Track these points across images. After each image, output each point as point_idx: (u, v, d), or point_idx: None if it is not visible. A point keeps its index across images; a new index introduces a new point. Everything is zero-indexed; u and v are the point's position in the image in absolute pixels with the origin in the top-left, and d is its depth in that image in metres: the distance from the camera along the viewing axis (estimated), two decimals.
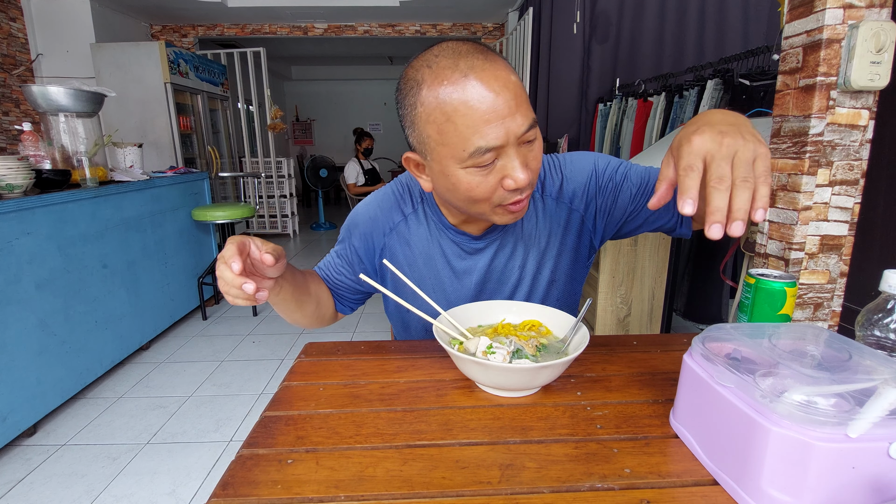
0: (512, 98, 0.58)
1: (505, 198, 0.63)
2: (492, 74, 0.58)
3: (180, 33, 5.36)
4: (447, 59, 0.59)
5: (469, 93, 0.57)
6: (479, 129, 0.57)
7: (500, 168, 0.61)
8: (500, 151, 0.59)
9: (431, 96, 0.59)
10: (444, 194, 0.68)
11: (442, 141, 0.60)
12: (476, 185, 0.61)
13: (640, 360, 0.70)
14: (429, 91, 0.59)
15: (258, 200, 5.40)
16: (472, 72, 0.57)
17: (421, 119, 0.61)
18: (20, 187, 1.80)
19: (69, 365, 1.97)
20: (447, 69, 0.58)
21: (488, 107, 0.57)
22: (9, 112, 3.82)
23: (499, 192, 0.62)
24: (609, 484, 0.45)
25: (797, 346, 0.52)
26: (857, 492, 0.37)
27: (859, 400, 0.39)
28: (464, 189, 0.62)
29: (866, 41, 1.16)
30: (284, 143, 8.83)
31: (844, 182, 1.27)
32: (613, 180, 0.76)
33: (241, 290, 0.55)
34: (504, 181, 0.61)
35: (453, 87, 0.57)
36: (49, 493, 1.52)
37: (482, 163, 0.59)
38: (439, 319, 0.67)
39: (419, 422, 0.55)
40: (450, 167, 0.62)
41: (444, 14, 5.17)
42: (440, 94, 0.58)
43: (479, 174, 0.61)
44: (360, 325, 2.96)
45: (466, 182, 0.61)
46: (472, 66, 0.58)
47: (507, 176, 0.61)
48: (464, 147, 0.58)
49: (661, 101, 2.65)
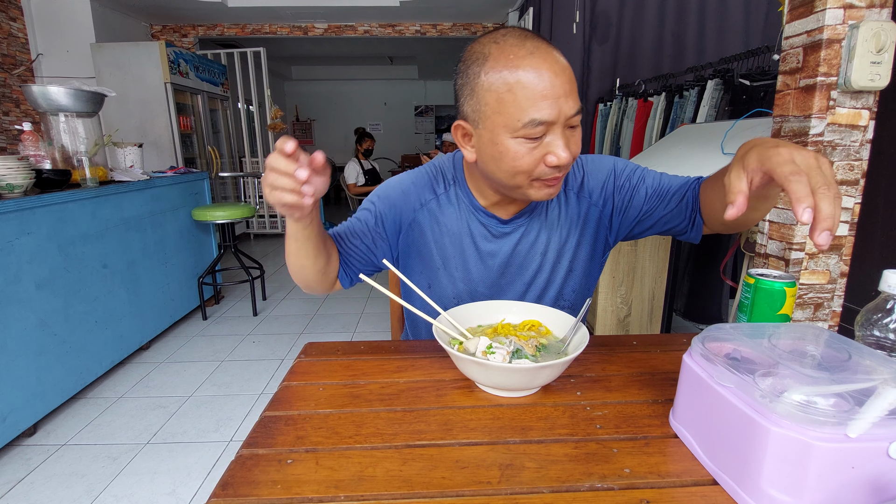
0: (567, 82, 0.65)
1: (544, 173, 0.68)
2: (553, 58, 0.65)
3: (180, 33, 5.36)
4: (514, 38, 0.66)
5: (532, 69, 0.63)
6: (536, 103, 0.63)
7: (546, 144, 0.66)
8: (549, 128, 0.65)
9: (496, 68, 0.65)
10: (487, 164, 0.72)
11: (499, 109, 0.66)
12: (521, 156, 0.67)
13: (640, 360, 0.70)
14: (494, 63, 0.65)
15: (258, 200, 5.41)
16: (537, 51, 0.64)
17: (482, 87, 0.67)
18: (20, 187, 1.80)
19: (69, 365, 1.97)
20: (514, 46, 0.65)
21: (546, 85, 0.63)
22: (9, 112, 3.82)
23: (540, 166, 0.68)
24: (609, 484, 0.45)
25: (797, 346, 0.52)
26: (857, 492, 0.37)
27: (859, 400, 0.39)
28: (509, 158, 0.67)
29: (867, 41, 1.16)
30: None
31: (845, 182, 1.27)
32: (630, 181, 0.82)
33: (292, 179, 0.54)
34: (547, 157, 0.67)
35: (518, 62, 0.64)
36: (49, 492, 1.52)
37: (532, 135, 0.65)
38: (439, 319, 0.67)
39: (419, 422, 0.55)
40: (500, 135, 0.67)
41: (444, 14, 5.17)
42: (505, 67, 0.64)
43: (527, 145, 0.66)
44: (360, 326, 2.96)
45: (514, 151, 0.67)
46: (537, 47, 0.65)
47: (550, 152, 0.66)
48: (519, 117, 0.64)
49: (662, 102, 2.64)
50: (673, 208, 0.78)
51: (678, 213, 0.77)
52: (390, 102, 9.51)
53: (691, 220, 0.77)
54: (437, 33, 5.49)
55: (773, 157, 0.49)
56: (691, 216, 0.76)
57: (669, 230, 0.80)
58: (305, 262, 0.74)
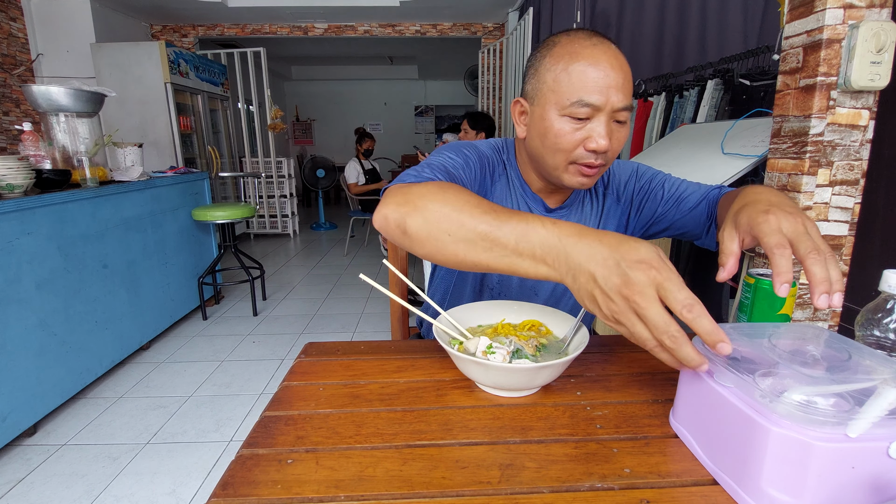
0: (622, 79, 0.70)
1: (582, 156, 0.72)
2: (613, 55, 0.70)
3: (180, 33, 5.36)
4: (584, 33, 0.73)
5: (591, 58, 0.69)
6: (587, 86, 0.68)
7: (589, 129, 0.70)
8: (595, 112, 0.70)
9: (561, 51, 0.72)
10: (533, 140, 0.77)
11: (554, 87, 0.71)
12: (564, 134, 0.71)
13: (640, 360, 0.70)
14: (561, 48, 0.72)
15: (258, 200, 5.41)
16: (600, 45, 0.70)
17: (545, 66, 0.73)
18: (20, 187, 1.80)
19: (69, 365, 1.97)
20: (581, 38, 0.72)
21: (601, 74, 0.68)
22: (9, 112, 3.82)
23: (579, 149, 0.72)
24: (609, 484, 0.45)
25: (797, 346, 0.52)
26: (857, 492, 0.37)
27: (859, 400, 0.39)
28: (552, 134, 0.72)
29: (866, 41, 1.16)
30: (285, 143, 8.83)
31: (845, 182, 1.27)
32: (650, 183, 0.87)
33: (699, 365, 0.44)
34: (587, 141, 0.71)
35: (581, 50, 0.70)
36: (49, 492, 1.52)
37: (578, 114, 0.70)
38: (439, 319, 0.67)
39: (419, 422, 0.55)
40: (550, 111, 0.72)
41: (444, 14, 5.17)
42: (569, 51, 0.71)
43: (571, 125, 0.71)
44: (360, 326, 2.96)
45: (558, 128, 0.72)
46: (601, 42, 0.71)
47: (591, 137, 0.70)
48: (569, 96, 0.69)
49: (662, 101, 2.64)
50: (686, 214, 0.82)
51: (692, 220, 0.82)
52: (390, 102, 9.51)
53: (706, 228, 0.81)
54: (437, 33, 5.49)
55: (761, 224, 0.51)
56: (706, 224, 0.81)
57: (684, 234, 0.85)
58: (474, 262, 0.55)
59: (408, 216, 0.56)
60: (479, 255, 0.52)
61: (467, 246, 0.53)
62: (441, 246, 0.54)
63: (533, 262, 0.50)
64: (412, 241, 0.57)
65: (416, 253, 0.58)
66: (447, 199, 0.56)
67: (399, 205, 0.58)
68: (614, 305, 0.44)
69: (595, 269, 0.46)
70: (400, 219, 0.57)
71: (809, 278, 0.46)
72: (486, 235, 0.52)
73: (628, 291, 0.43)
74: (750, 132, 1.75)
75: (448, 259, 0.55)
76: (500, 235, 0.51)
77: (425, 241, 0.55)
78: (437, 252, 0.55)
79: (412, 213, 0.56)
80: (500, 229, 0.51)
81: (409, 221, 0.56)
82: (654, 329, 0.43)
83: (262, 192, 5.47)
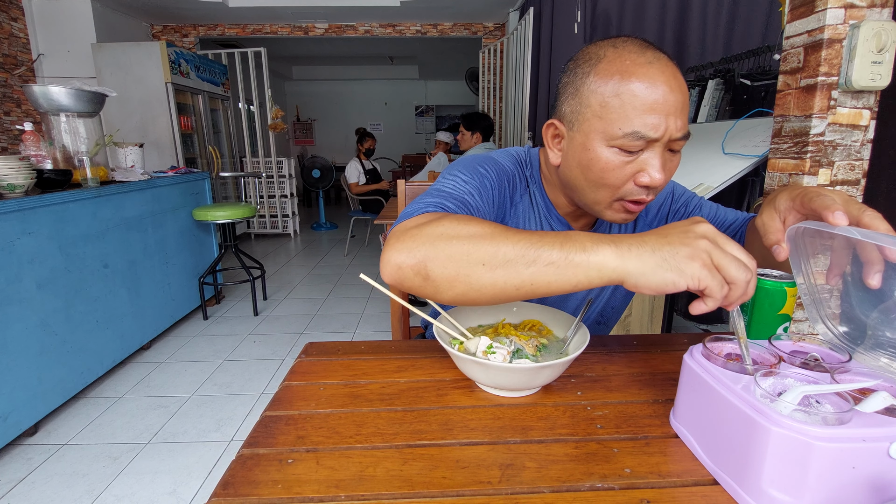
0: (682, 101, 0.60)
1: (630, 192, 0.63)
2: (672, 73, 0.60)
3: (181, 33, 5.36)
4: (634, 45, 0.61)
5: (647, 80, 0.58)
6: (643, 115, 0.58)
7: (641, 162, 0.61)
8: (650, 145, 0.60)
9: (609, 71, 0.60)
10: (572, 170, 0.67)
11: (601, 114, 0.61)
12: (612, 168, 0.62)
13: (641, 360, 0.70)
14: (608, 66, 0.61)
15: (259, 200, 5.42)
16: (657, 62, 0.59)
17: (588, 89, 0.62)
18: (21, 187, 1.80)
19: (70, 364, 1.98)
20: (633, 53, 0.60)
21: (660, 98, 0.58)
22: (10, 112, 3.82)
23: (629, 184, 0.63)
24: (609, 484, 0.45)
25: (797, 346, 0.52)
26: (857, 492, 0.37)
27: (859, 400, 0.39)
28: (599, 168, 0.62)
29: (867, 41, 1.16)
30: (285, 143, 8.84)
31: (846, 182, 1.27)
32: (686, 206, 0.82)
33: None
34: (639, 175, 0.61)
35: (635, 70, 0.59)
36: (50, 492, 1.53)
37: (630, 147, 0.60)
38: (439, 319, 0.67)
39: (419, 421, 0.55)
40: (595, 141, 0.62)
41: (445, 14, 5.17)
42: (619, 72, 0.59)
43: (621, 158, 0.61)
44: (360, 325, 2.96)
45: (605, 161, 0.62)
46: (658, 58, 0.60)
47: (644, 171, 0.61)
48: (621, 126, 0.59)
49: None
50: None
51: None
52: (391, 102, 9.51)
53: None
54: (437, 33, 5.49)
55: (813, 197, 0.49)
56: None
57: None
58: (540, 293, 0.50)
59: (428, 259, 0.50)
60: (522, 273, 0.47)
61: (507, 270, 0.48)
62: (474, 280, 0.49)
63: (584, 255, 0.46)
64: (437, 286, 0.50)
65: (442, 298, 0.52)
66: (472, 230, 0.50)
67: (412, 248, 0.51)
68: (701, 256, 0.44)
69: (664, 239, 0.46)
70: (418, 264, 0.50)
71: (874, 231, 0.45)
72: (527, 251, 0.47)
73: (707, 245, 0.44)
74: (751, 132, 1.75)
75: (484, 293, 0.49)
76: (543, 245, 0.47)
77: (454, 280, 0.50)
78: (469, 289, 0.50)
79: (432, 253, 0.50)
80: (541, 240, 0.48)
81: (430, 265, 0.50)
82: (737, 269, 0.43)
83: (263, 192, 5.48)
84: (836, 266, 0.50)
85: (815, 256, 0.51)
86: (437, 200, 0.62)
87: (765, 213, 0.54)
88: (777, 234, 0.52)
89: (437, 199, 0.62)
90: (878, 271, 0.44)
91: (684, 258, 0.44)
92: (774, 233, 0.52)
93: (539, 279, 0.47)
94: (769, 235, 0.52)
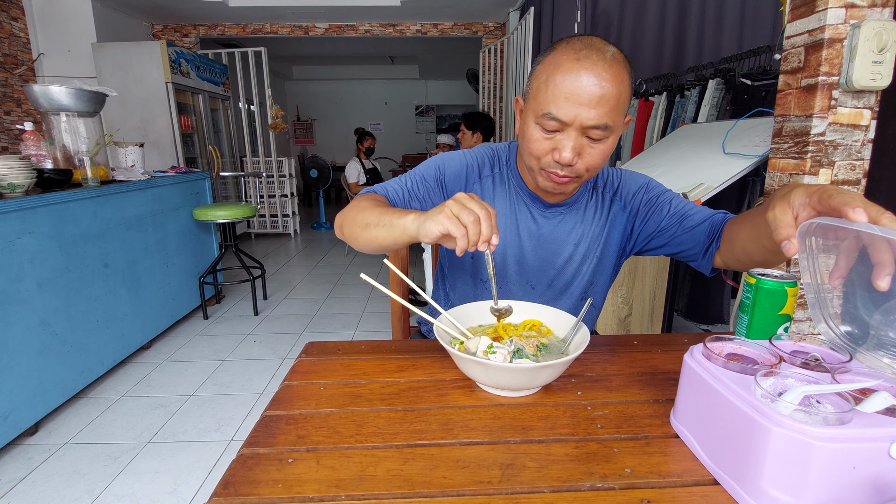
0: (598, 97, 0.69)
1: (549, 165, 0.76)
2: (596, 72, 0.69)
3: (181, 33, 5.36)
4: (581, 43, 0.72)
5: (570, 71, 0.69)
6: (558, 100, 0.70)
7: (557, 141, 0.73)
8: (563, 126, 0.72)
9: (550, 60, 0.73)
10: (519, 139, 0.82)
11: (534, 94, 0.75)
12: (534, 141, 0.75)
13: (641, 360, 0.70)
14: (552, 56, 0.73)
15: (259, 200, 5.42)
16: (585, 60, 0.69)
17: (536, 71, 0.76)
18: (22, 186, 1.80)
19: (70, 364, 1.98)
20: (571, 49, 0.71)
21: (574, 89, 0.69)
22: (10, 111, 3.82)
23: (547, 157, 0.75)
24: (609, 484, 0.45)
25: (798, 346, 0.52)
26: (858, 492, 0.37)
27: (860, 400, 0.39)
28: (526, 139, 0.77)
29: (868, 41, 1.16)
30: (285, 142, 8.84)
31: (846, 182, 1.27)
32: (659, 197, 0.89)
33: (486, 242, 0.60)
34: (554, 152, 0.74)
35: (564, 61, 0.71)
36: (50, 491, 1.53)
37: (546, 126, 0.73)
38: (440, 319, 0.67)
39: (420, 421, 0.55)
40: (529, 116, 0.76)
41: (445, 14, 5.17)
42: (555, 61, 0.72)
43: (541, 133, 0.74)
44: (360, 325, 2.96)
45: (530, 134, 0.76)
46: (588, 56, 0.70)
47: (556, 149, 0.74)
48: (543, 106, 0.72)
49: (663, 101, 2.64)
50: (687, 232, 0.83)
51: (692, 239, 0.83)
52: (391, 102, 9.51)
53: (704, 249, 0.82)
54: (437, 33, 5.48)
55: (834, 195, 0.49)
56: (705, 245, 0.81)
57: (681, 253, 0.86)
58: (385, 246, 0.76)
59: (344, 223, 0.81)
60: (378, 234, 0.72)
61: (368, 231, 0.73)
62: (358, 234, 0.76)
63: (401, 223, 0.67)
64: (347, 239, 0.80)
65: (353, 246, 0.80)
66: (363, 206, 0.78)
67: (341, 214, 0.83)
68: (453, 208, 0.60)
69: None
70: (341, 225, 0.82)
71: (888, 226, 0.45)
72: (378, 221, 0.72)
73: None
74: (751, 132, 1.75)
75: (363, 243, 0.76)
76: (385, 216, 0.71)
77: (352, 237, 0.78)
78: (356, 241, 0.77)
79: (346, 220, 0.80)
80: (389, 214, 0.71)
81: (345, 227, 0.80)
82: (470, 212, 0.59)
83: (263, 192, 5.48)
84: (842, 267, 0.49)
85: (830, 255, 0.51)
86: (380, 186, 0.89)
87: (777, 208, 0.53)
88: (788, 228, 0.51)
89: (381, 185, 0.89)
90: (889, 274, 0.44)
91: (436, 214, 0.61)
92: (786, 228, 0.51)
93: (381, 235, 0.71)
94: (780, 230, 0.52)
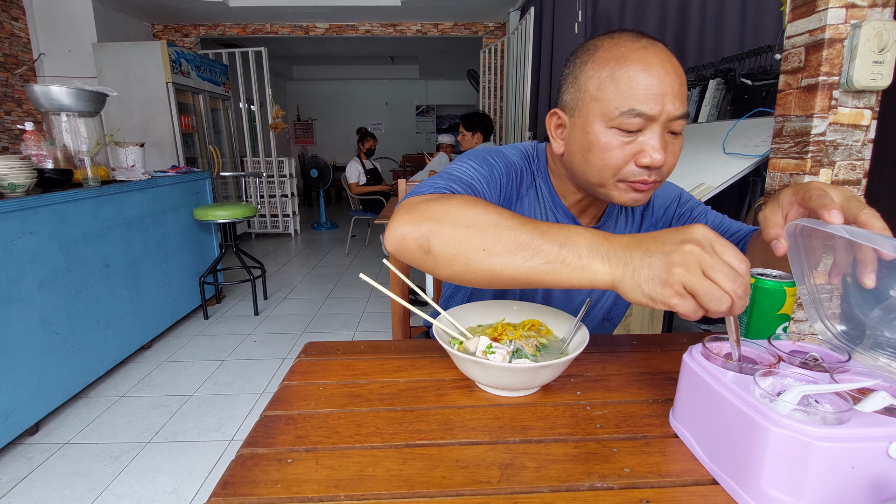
0: (677, 83, 0.61)
1: (632, 173, 0.64)
2: (667, 57, 0.62)
3: (182, 33, 5.37)
4: (630, 35, 0.64)
5: (642, 61, 0.61)
6: (639, 94, 0.60)
7: (641, 142, 0.62)
8: (648, 124, 0.61)
9: (605, 56, 0.63)
10: (574, 156, 0.68)
11: (598, 96, 0.63)
12: (612, 149, 0.63)
13: (640, 360, 0.70)
14: (605, 53, 0.63)
15: (259, 200, 5.42)
16: (651, 47, 0.62)
17: (585, 74, 0.65)
18: (22, 186, 1.80)
19: (71, 364, 1.98)
20: (629, 41, 0.63)
21: (654, 79, 0.60)
22: (11, 111, 3.83)
23: (630, 165, 0.64)
24: (609, 483, 0.45)
25: (796, 345, 0.52)
26: (857, 491, 0.37)
27: (858, 400, 0.39)
28: (599, 149, 0.64)
29: (869, 41, 1.15)
30: (286, 142, 8.84)
31: (847, 182, 1.27)
32: (692, 212, 0.83)
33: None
34: (639, 155, 0.62)
35: (629, 54, 0.62)
36: (51, 491, 1.53)
37: (628, 126, 0.61)
38: (439, 319, 0.67)
39: (419, 421, 0.55)
40: (594, 124, 0.64)
41: (446, 13, 5.17)
42: (615, 55, 0.62)
43: (620, 138, 0.63)
44: (360, 325, 2.96)
45: (605, 142, 0.63)
46: (652, 44, 0.63)
47: (644, 151, 0.62)
48: (617, 105, 0.61)
49: None
50: None
51: None
52: (392, 102, 9.51)
53: None
54: (438, 33, 5.49)
55: (813, 195, 0.49)
56: None
57: None
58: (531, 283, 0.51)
59: (432, 234, 0.52)
60: (519, 267, 0.49)
61: (506, 259, 0.49)
62: (473, 263, 0.51)
63: (579, 263, 0.47)
64: (436, 261, 0.53)
65: (440, 274, 0.54)
66: (478, 213, 0.52)
67: (418, 222, 0.53)
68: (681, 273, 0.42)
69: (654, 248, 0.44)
70: (422, 237, 0.52)
71: (869, 229, 0.46)
72: (528, 244, 0.48)
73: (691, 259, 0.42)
74: (751, 132, 1.75)
75: (481, 276, 0.51)
76: (544, 241, 0.48)
77: (454, 259, 0.51)
78: (467, 271, 0.51)
79: (436, 230, 0.52)
80: (543, 236, 0.49)
81: (433, 240, 0.52)
82: (727, 278, 0.41)
83: (264, 192, 5.48)
84: (839, 265, 0.49)
85: (818, 255, 0.51)
86: (445, 183, 0.64)
87: (768, 208, 0.54)
88: (776, 228, 0.52)
89: (445, 182, 0.64)
90: (872, 271, 0.44)
91: (658, 284, 0.43)
92: (774, 227, 0.52)
93: (534, 276, 0.49)
94: (769, 230, 0.52)
